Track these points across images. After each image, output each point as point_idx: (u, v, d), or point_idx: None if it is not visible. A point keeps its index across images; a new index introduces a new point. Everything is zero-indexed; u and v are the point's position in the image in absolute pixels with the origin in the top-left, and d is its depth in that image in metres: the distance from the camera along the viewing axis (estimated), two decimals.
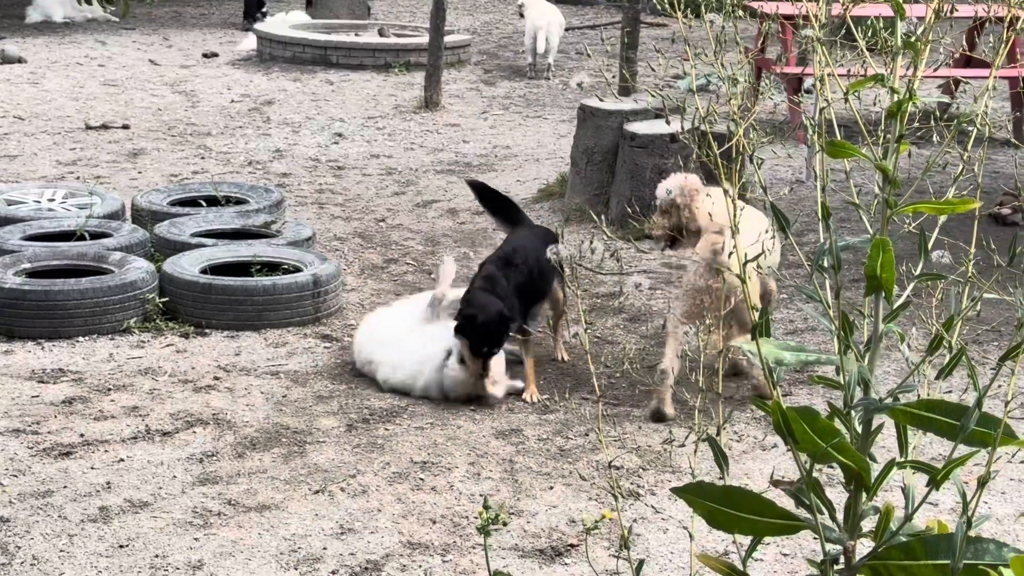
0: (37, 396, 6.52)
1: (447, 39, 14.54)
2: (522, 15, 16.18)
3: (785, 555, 5.10)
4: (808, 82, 10.52)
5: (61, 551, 5.00)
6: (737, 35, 2.61)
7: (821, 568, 2.48)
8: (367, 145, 12.43)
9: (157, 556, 4.97)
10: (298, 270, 7.81)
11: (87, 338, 7.31)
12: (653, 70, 4.47)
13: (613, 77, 9.25)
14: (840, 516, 2.51)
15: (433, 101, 13.84)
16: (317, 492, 5.53)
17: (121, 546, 5.04)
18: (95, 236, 8.31)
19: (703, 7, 2.58)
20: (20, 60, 15.88)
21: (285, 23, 17.55)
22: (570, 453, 5.99)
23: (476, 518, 5.32)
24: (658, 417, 6.31)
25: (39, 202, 9.12)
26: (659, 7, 2.56)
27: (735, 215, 2.41)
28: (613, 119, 9.70)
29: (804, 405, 2.44)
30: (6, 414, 6.28)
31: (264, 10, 19.07)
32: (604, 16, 21.31)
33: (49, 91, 14.38)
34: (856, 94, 2.46)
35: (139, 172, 11.14)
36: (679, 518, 5.22)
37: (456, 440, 6.11)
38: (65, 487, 5.53)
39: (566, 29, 19.68)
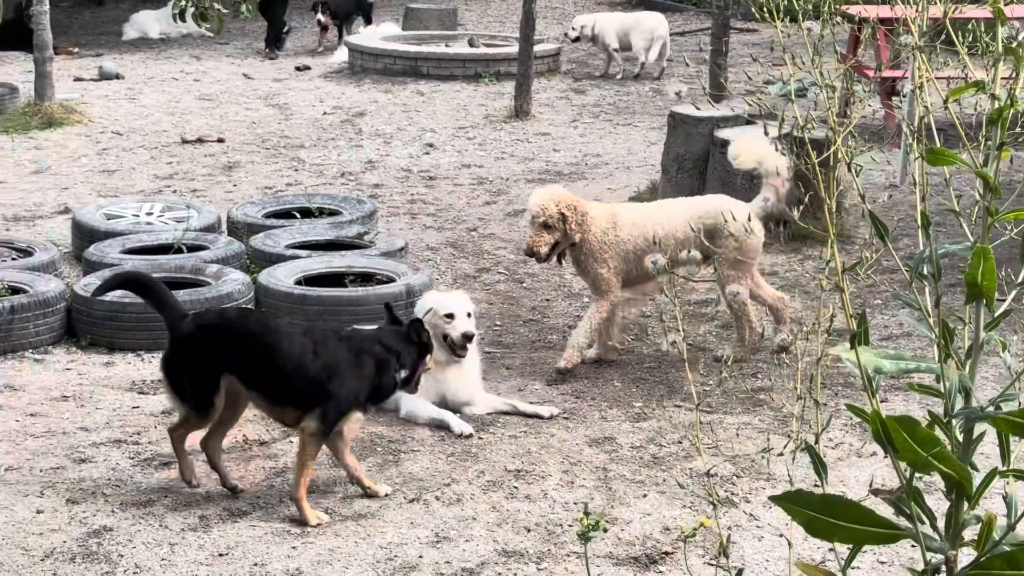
0: (137, 407, 6.62)
1: (537, 48, 14.57)
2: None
3: (883, 563, 5.04)
4: (907, 86, 10.41)
5: (162, 559, 5.07)
6: (835, 41, 2.60)
7: None
8: (458, 155, 12.48)
9: (256, 564, 5.03)
10: (391, 280, 7.86)
11: None
12: (749, 78, 4.44)
13: (701, 84, 9.19)
14: (941, 525, 2.49)
15: (523, 110, 13.87)
16: (412, 501, 5.56)
17: (221, 554, 5.11)
18: (192, 249, 8.43)
19: (800, 13, 2.57)
20: (118, 76, 16.15)
21: (376, 35, 17.68)
22: (664, 461, 5.97)
23: (571, 526, 5.33)
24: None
25: (137, 216, 9.27)
26: (756, 14, 2.55)
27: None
28: (703, 126, 9.67)
29: (903, 414, 2.41)
30: (108, 425, 6.39)
31: (286, 32, 18.59)
32: (694, 22, 21.23)
33: (146, 106, 14.61)
34: (956, 100, 2.44)
35: (234, 185, 11.28)
36: (775, 525, 5.18)
37: (549, 448, 6.12)
38: (166, 497, 5.61)
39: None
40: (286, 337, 5.52)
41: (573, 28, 16.49)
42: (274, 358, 5.47)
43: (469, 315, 6.52)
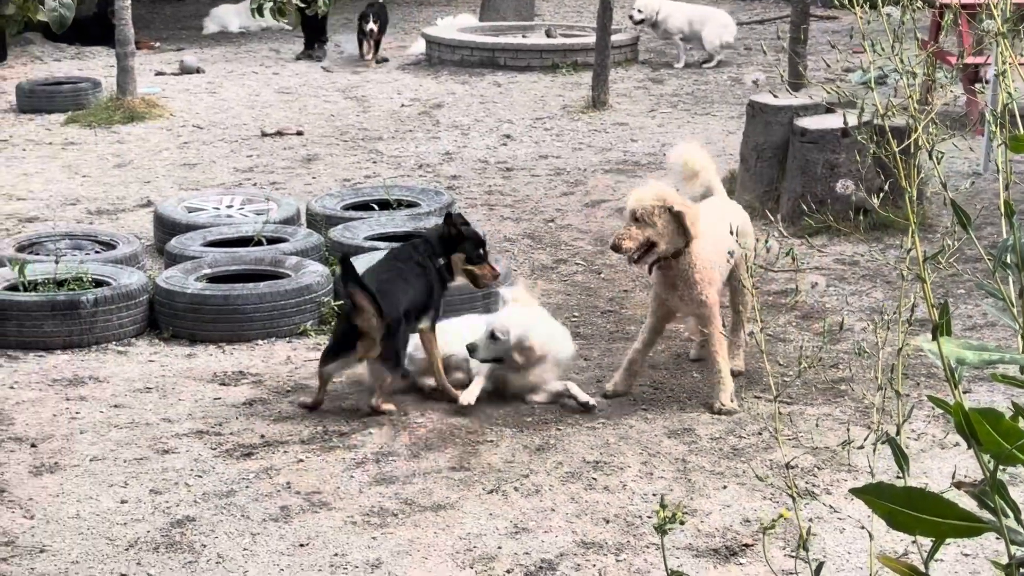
0: (219, 398, 6.69)
1: (614, 38, 14.52)
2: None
3: (966, 555, 4.99)
4: (991, 72, 10.25)
5: (244, 550, 5.12)
6: (916, 27, 2.56)
7: (1007, 571, 2.42)
8: (535, 146, 12.48)
9: (336, 555, 5.06)
10: None
11: (265, 341, 7.48)
12: (828, 65, 4.39)
13: (779, 72, 9.12)
14: None
15: (601, 100, 13.83)
16: (491, 492, 5.57)
17: (301, 545, 5.15)
18: (272, 241, 8.50)
19: (881, 1, 2.54)
20: (198, 70, 16.30)
21: (453, 27, 17.71)
22: (743, 452, 5.94)
23: (650, 517, 5.32)
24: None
25: (218, 209, 9.36)
26: (836, 1, 2.51)
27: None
28: (783, 115, 9.59)
29: (987, 406, 2.38)
30: (190, 416, 6.46)
31: (324, 39, 17.53)
32: (773, 10, 21.06)
33: (226, 100, 14.74)
34: None
35: (313, 177, 11.36)
36: (856, 518, 5.14)
37: (628, 439, 6.10)
38: (247, 487, 5.67)
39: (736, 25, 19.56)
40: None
41: (638, 10, 16.24)
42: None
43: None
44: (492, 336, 6.46)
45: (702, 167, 6.88)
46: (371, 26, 16.57)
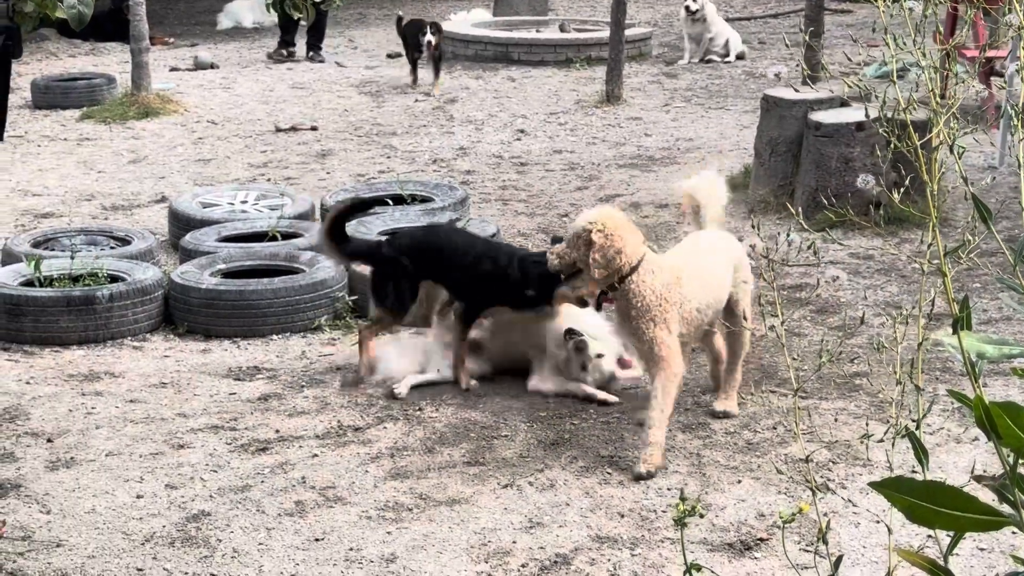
0: (234, 393, 6.70)
1: (628, 32, 14.50)
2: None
3: (982, 549, 4.97)
4: (1011, 67, 10.21)
5: (260, 544, 5.13)
6: (937, 21, 2.55)
7: None
8: (549, 141, 12.47)
9: (351, 549, 5.07)
10: None
11: (280, 336, 7.49)
12: (849, 59, 4.38)
13: (797, 66, 9.11)
14: None
15: (614, 95, 13.82)
16: (506, 486, 5.57)
17: (317, 539, 5.15)
18: (286, 236, 8.51)
19: None
20: (212, 66, 16.33)
21: (466, 21, 17.71)
22: (758, 447, 5.93)
23: (664, 512, 5.31)
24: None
25: (232, 204, 9.37)
26: None
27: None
28: (797, 109, 9.57)
29: (1005, 400, 2.37)
30: (205, 411, 6.47)
31: (321, 46, 16.98)
32: (787, 3, 21.03)
33: (240, 95, 14.75)
34: None
35: (327, 172, 11.36)
36: (872, 512, 5.12)
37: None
38: (262, 482, 5.67)
39: (748, 19, 19.54)
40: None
41: (695, 1, 16.11)
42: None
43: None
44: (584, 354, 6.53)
45: (707, 202, 6.31)
46: (429, 37, 14.47)
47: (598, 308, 6.10)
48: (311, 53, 16.77)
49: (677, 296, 5.70)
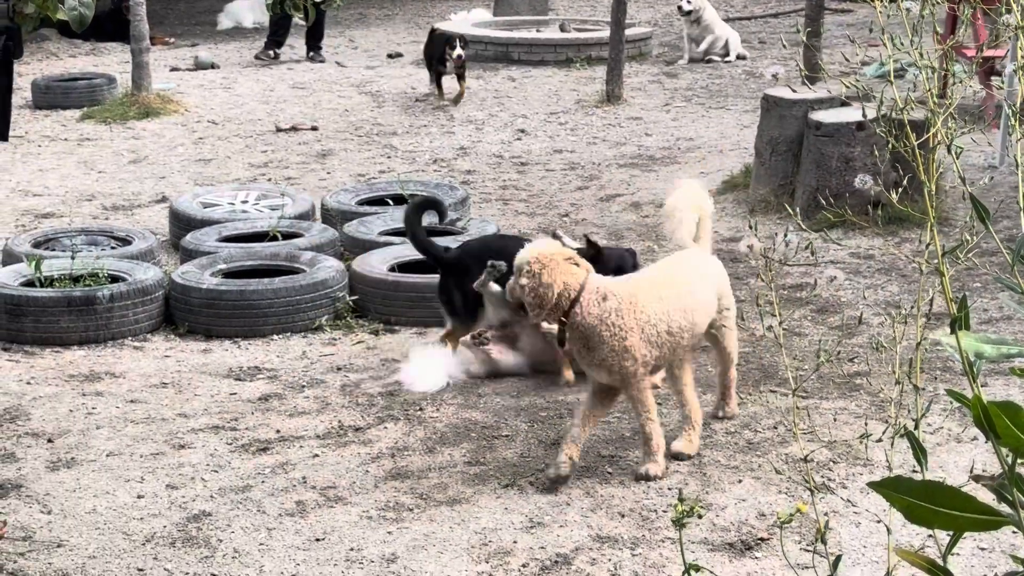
0: (235, 393, 6.70)
1: (628, 32, 14.50)
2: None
3: (983, 549, 4.97)
4: (1009, 66, 10.21)
5: (260, 544, 5.13)
6: (935, 21, 2.56)
7: None
8: (550, 140, 12.47)
9: (352, 549, 5.07)
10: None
11: (281, 336, 7.50)
12: (847, 59, 4.38)
13: (797, 66, 9.11)
14: None
15: (615, 95, 13.82)
16: (506, 486, 5.57)
17: (317, 539, 5.16)
18: (287, 236, 8.52)
19: None
20: (213, 66, 16.33)
21: (467, 21, 17.71)
22: (759, 446, 5.93)
23: (665, 511, 5.31)
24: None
25: (233, 204, 9.38)
26: None
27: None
28: (797, 108, 9.57)
29: (1004, 400, 2.37)
30: (206, 411, 6.47)
31: (321, 46, 16.86)
32: (787, 3, 21.02)
33: (241, 95, 14.76)
34: None
35: (328, 172, 11.37)
36: (872, 512, 5.13)
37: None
38: (263, 482, 5.68)
39: (748, 18, 19.54)
40: None
41: (689, 1, 16.10)
42: None
43: None
44: None
45: (693, 215, 6.05)
46: (459, 51, 13.66)
47: (560, 344, 5.75)
48: (311, 53, 16.69)
49: (633, 320, 5.44)
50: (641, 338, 5.46)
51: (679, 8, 16.04)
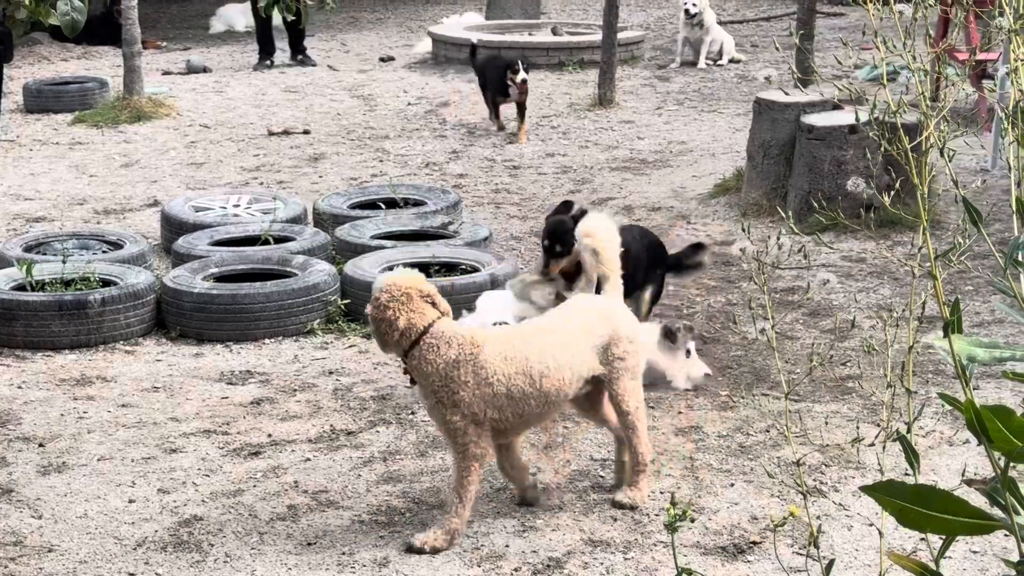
0: (226, 397, 6.69)
1: (620, 36, 14.50)
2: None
3: (975, 552, 4.97)
4: (1001, 69, 10.23)
5: (252, 549, 5.12)
6: (928, 25, 2.55)
7: (1018, 569, 2.41)
8: (542, 144, 12.46)
9: (344, 553, 5.06)
10: (476, 270, 7.87)
11: (272, 340, 7.48)
12: (840, 62, 4.38)
13: (789, 69, 9.11)
14: None
15: (607, 98, 13.82)
16: (499, 490, 5.56)
17: (309, 544, 5.15)
18: (279, 240, 8.50)
19: None
20: (205, 70, 16.31)
21: (459, 25, 17.71)
22: (751, 450, 5.93)
23: (657, 515, 5.31)
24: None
25: (225, 208, 9.36)
26: None
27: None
28: (790, 112, 9.57)
29: (996, 403, 2.37)
30: (198, 415, 6.46)
31: (304, 47, 16.68)
32: (779, 7, 21.04)
33: (233, 99, 14.74)
34: None
35: (320, 176, 11.36)
36: (864, 515, 5.13)
37: None
38: (255, 486, 5.67)
39: (741, 22, 19.55)
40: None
41: (695, 4, 16.09)
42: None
43: None
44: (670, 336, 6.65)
45: (601, 249, 5.55)
46: (522, 76, 12.23)
47: (413, 383, 5.24)
48: (299, 57, 16.65)
49: (471, 375, 4.99)
50: (476, 395, 5.01)
51: (686, 11, 16.03)
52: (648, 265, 7.08)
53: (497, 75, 12.54)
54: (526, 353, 5.10)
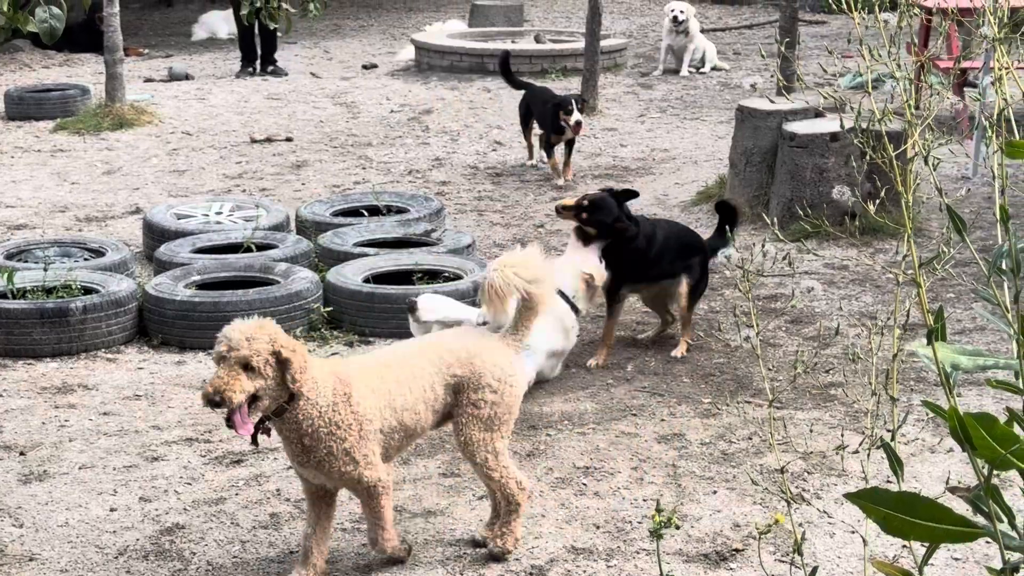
0: None
1: (603, 43, 14.52)
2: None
3: (956, 559, 4.98)
4: (983, 80, 10.26)
5: (234, 557, 5.11)
6: (913, 34, 2.56)
7: None
8: (525, 152, 12.46)
9: (327, 562, 5.04)
10: (459, 277, 7.87)
11: None
12: (824, 70, 4.40)
13: (772, 76, 9.14)
14: (1020, 523, 2.44)
15: (590, 106, 13.82)
16: (481, 498, 5.55)
17: (292, 552, 5.13)
18: (261, 248, 8.48)
19: (877, 6, 2.53)
20: (187, 77, 16.28)
21: (442, 33, 17.71)
22: (733, 457, 5.93)
23: (640, 523, 5.30)
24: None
25: (207, 215, 9.34)
26: (834, 6, 2.51)
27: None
28: (772, 119, 9.59)
29: (979, 410, 2.37)
30: (179, 423, 6.44)
31: (275, 58, 16.57)
32: (762, 15, 21.09)
33: (215, 106, 14.72)
34: None
35: (302, 184, 11.34)
36: (847, 523, 5.13)
37: (618, 445, 6.09)
38: (237, 494, 5.65)
39: (724, 30, 19.59)
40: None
41: (682, 11, 16.13)
42: None
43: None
44: None
45: (527, 289, 4.98)
46: (576, 117, 11.12)
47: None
48: (271, 68, 16.50)
49: (350, 415, 4.65)
50: (360, 436, 4.68)
51: (673, 19, 16.07)
52: (676, 256, 7.24)
53: (548, 113, 11.38)
54: (387, 386, 4.77)
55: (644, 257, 7.20)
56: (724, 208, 7.52)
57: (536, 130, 11.73)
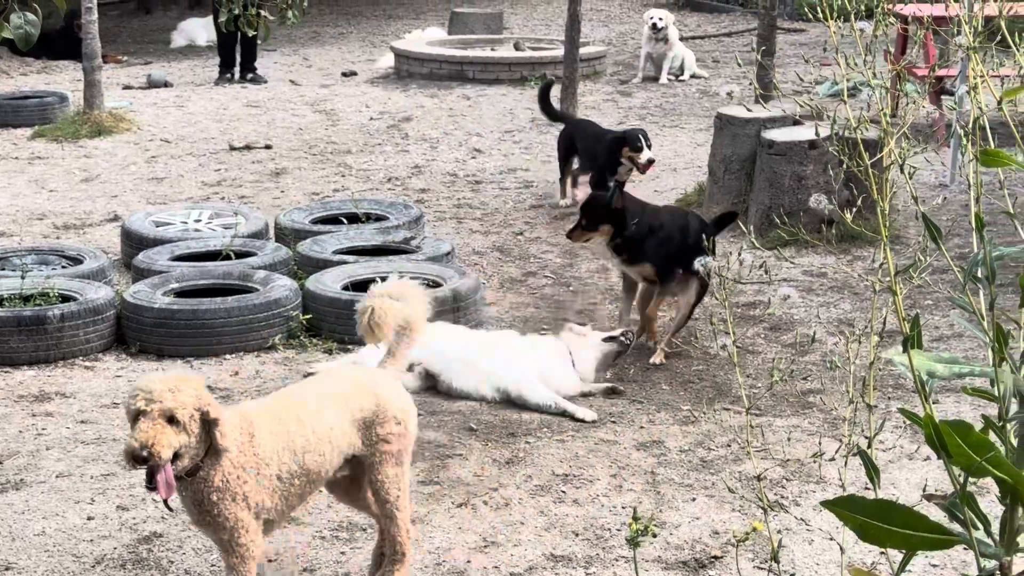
0: None
1: (582, 51, 14.53)
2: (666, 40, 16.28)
3: (934, 566, 4.99)
4: (959, 88, 10.29)
5: (212, 566, 5.09)
6: (888, 42, 2.57)
7: None
8: (504, 159, 12.47)
9: (305, 570, 5.04)
10: (438, 285, 7.86)
11: (234, 356, 7.45)
12: (802, 79, 4.41)
13: (750, 84, 9.15)
14: (995, 530, 2.45)
15: (569, 113, 13.83)
16: (460, 505, 5.55)
17: (270, 560, 5.12)
18: (240, 255, 8.46)
19: (853, 14, 2.54)
20: (166, 84, 16.25)
21: (421, 40, 17.72)
22: (712, 464, 5.94)
23: (619, 530, 5.31)
24: None
25: (186, 223, 9.32)
26: (809, 14, 2.51)
27: None
28: (750, 127, 9.62)
29: (955, 418, 2.38)
30: None
31: (255, 66, 16.48)
32: (740, 22, 21.15)
33: (194, 114, 14.69)
34: (1012, 101, 2.40)
35: (281, 191, 11.32)
36: (825, 530, 5.14)
37: (597, 452, 6.10)
38: None
39: (703, 37, 19.66)
40: None
41: (661, 19, 16.20)
42: None
43: None
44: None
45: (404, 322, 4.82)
46: (648, 155, 9.74)
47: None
48: (250, 76, 16.47)
49: (252, 459, 4.32)
50: (259, 482, 4.36)
51: (652, 26, 16.11)
52: (693, 249, 7.21)
53: (604, 149, 9.96)
54: (287, 426, 4.42)
55: (683, 242, 7.35)
56: (728, 218, 7.72)
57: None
